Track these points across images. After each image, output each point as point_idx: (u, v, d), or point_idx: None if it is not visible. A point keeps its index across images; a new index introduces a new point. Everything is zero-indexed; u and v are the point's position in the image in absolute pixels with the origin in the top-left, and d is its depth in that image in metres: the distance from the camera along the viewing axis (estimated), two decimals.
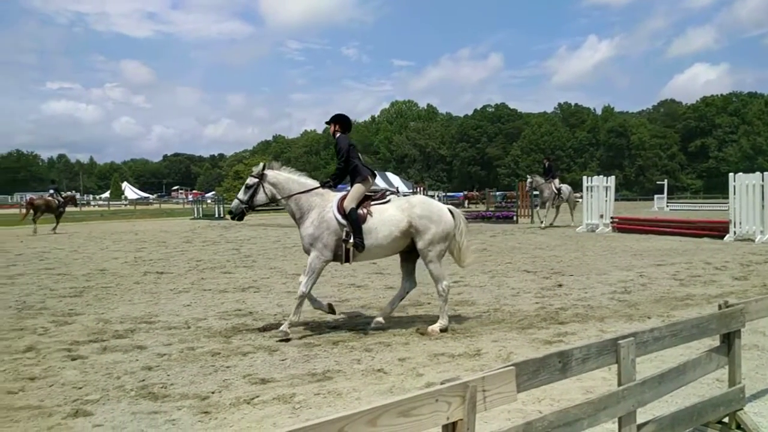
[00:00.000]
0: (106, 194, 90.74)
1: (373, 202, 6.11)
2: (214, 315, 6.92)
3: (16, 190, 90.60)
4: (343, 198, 6.02)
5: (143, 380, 4.53)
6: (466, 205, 43.58)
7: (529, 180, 22.07)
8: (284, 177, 6.30)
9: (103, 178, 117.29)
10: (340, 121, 6.44)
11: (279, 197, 6.26)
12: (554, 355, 2.27)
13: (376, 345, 5.41)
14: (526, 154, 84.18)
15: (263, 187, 6.25)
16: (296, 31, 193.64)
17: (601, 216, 18.52)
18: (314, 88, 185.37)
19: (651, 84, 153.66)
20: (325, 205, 6.05)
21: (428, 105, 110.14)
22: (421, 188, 29.80)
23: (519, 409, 3.64)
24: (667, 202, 38.45)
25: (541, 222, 20.64)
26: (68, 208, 24.10)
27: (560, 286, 8.40)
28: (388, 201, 6.22)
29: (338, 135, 6.38)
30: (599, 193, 18.65)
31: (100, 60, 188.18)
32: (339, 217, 5.93)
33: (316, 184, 6.28)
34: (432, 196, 37.92)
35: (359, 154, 6.37)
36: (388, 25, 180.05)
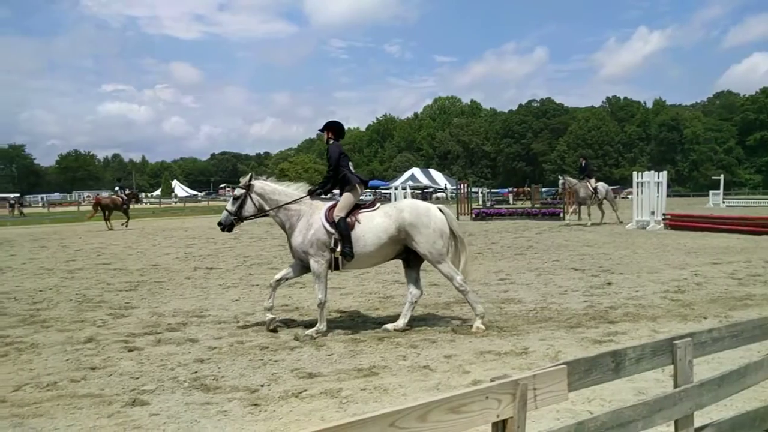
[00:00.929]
0: (157, 192, 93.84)
1: (361, 210, 6.08)
2: (262, 310, 7.05)
3: (75, 189, 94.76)
4: (333, 207, 6.02)
5: (195, 372, 4.67)
6: (511, 201, 42.95)
7: (561, 181, 21.45)
8: (271, 187, 6.33)
9: (154, 176, 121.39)
10: (333, 128, 6.42)
11: (267, 208, 6.27)
12: (607, 355, 2.22)
13: (421, 342, 5.41)
14: (572, 150, 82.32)
15: (251, 197, 6.28)
16: (340, 29, 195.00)
17: (653, 213, 17.93)
18: (357, 85, 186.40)
19: (705, 75, 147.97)
20: (313, 213, 6.05)
21: (472, 101, 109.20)
22: (465, 185, 29.52)
23: (568, 409, 3.58)
24: (724, 198, 36.86)
25: (588, 221, 20.12)
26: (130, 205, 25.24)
27: (610, 284, 8.20)
28: (377, 208, 6.16)
29: (331, 143, 6.34)
30: (650, 189, 18.05)
31: (151, 62, 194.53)
32: (327, 225, 5.91)
33: (304, 193, 6.28)
34: (476, 193, 37.60)
35: (350, 163, 6.33)
36: (431, 21, 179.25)
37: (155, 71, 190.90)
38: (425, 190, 60.90)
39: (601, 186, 20.89)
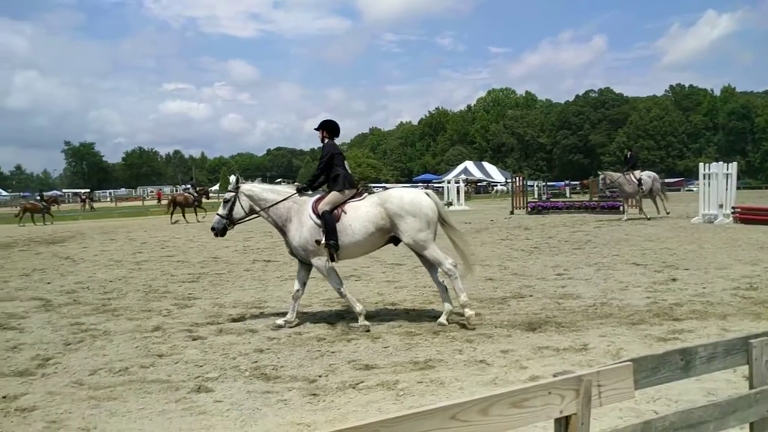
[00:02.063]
0: (215, 187, 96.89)
1: (349, 200, 6.10)
2: (318, 302, 7.20)
3: (139, 184, 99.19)
4: (319, 200, 6.08)
5: (256, 362, 4.81)
6: (567, 194, 41.90)
7: (601, 177, 20.19)
8: (259, 188, 6.45)
9: (212, 171, 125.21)
10: (328, 127, 6.47)
11: (257, 209, 6.35)
12: (676, 352, 2.14)
13: (477, 336, 5.37)
14: (632, 141, 79.24)
15: (239, 200, 6.36)
16: (392, 23, 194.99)
17: (721, 206, 17.05)
18: (410, 79, 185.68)
19: None
20: (303, 211, 6.13)
21: (526, 92, 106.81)
22: (520, 178, 28.98)
23: (631, 408, 3.47)
24: None
25: (645, 215, 19.31)
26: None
27: (674, 280, 7.87)
28: (364, 198, 6.18)
29: (326, 141, 6.39)
30: (718, 181, 17.16)
31: (209, 61, 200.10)
32: (314, 217, 6.00)
33: (292, 191, 6.37)
34: (531, 186, 36.83)
35: (345, 163, 6.34)
36: (485, 12, 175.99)
37: (213, 70, 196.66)
38: (478, 184, 60.21)
39: (646, 176, 19.56)
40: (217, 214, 6.47)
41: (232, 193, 6.43)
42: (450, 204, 33.79)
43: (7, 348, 5.39)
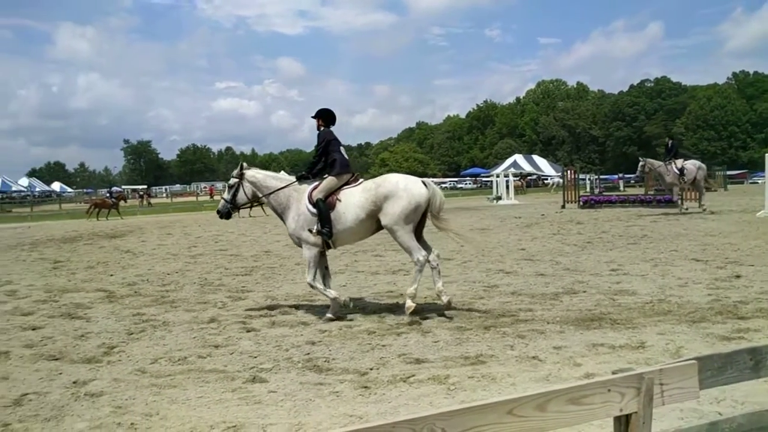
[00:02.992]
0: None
1: (344, 188, 6.21)
2: (368, 295, 7.26)
3: (193, 180, 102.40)
4: (315, 188, 6.20)
5: (308, 354, 4.90)
6: (621, 188, 40.64)
7: (641, 163, 19.05)
8: (262, 175, 6.67)
9: (263, 167, 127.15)
10: (323, 116, 6.57)
11: (259, 195, 6.59)
12: (744, 352, 2.05)
13: (529, 332, 5.30)
14: (691, 132, 76.24)
15: (243, 186, 6.61)
16: (439, 16, 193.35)
17: None
18: (457, 72, 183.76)
19: None
20: (301, 199, 6.28)
21: (578, 83, 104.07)
22: (571, 171, 28.26)
23: (693, 409, 3.35)
24: None
25: (684, 208, 18.44)
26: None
27: (738, 277, 7.52)
28: (359, 184, 6.26)
29: (321, 129, 6.52)
30: None
31: (259, 59, 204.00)
32: (310, 207, 6.15)
33: (293, 179, 6.54)
34: (583, 180, 35.90)
35: (341, 148, 6.43)
36: (533, 2, 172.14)
37: (263, 67, 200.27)
38: (528, 177, 59.11)
39: (690, 164, 18.48)
40: (222, 199, 6.83)
41: (236, 180, 6.70)
42: (499, 198, 33.36)
43: (76, 336, 5.68)
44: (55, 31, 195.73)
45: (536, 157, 66.13)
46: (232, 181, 6.77)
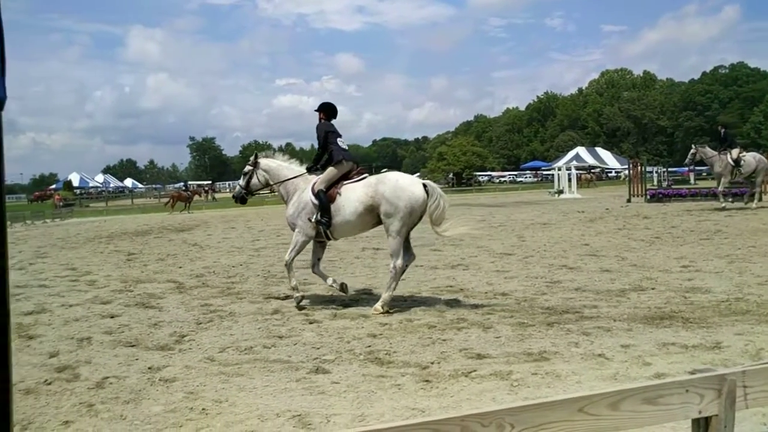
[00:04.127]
0: None
1: (346, 182, 6.39)
2: (427, 290, 7.26)
3: None
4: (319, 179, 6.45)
5: (369, 346, 4.95)
6: (692, 180, 38.70)
7: (692, 151, 17.91)
8: (275, 164, 6.96)
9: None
10: (325, 109, 6.82)
11: (271, 183, 6.93)
12: None
13: (594, 329, 5.15)
14: None
15: (257, 173, 6.98)
16: (498, 7, 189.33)
17: None
18: (517, 64, 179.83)
19: None
20: (305, 188, 6.55)
21: (645, 72, 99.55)
22: (638, 164, 27.13)
23: None
24: None
25: (722, 204, 17.23)
26: None
27: None
28: (361, 179, 6.42)
29: (321, 121, 6.75)
30: None
31: (318, 55, 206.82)
32: (312, 198, 6.37)
33: (303, 170, 6.82)
34: (650, 173, 34.46)
35: (338, 139, 6.58)
36: None
37: (322, 63, 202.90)
38: (592, 170, 57.27)
39: (751, 157, 17.21)
40: (238, 185, 7.30)
41: (251, 167, 7.07)
42: (560, 192, 32.51)
43: (150, 325, 5.98)
44: (127, 35, 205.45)
45: (599, 150, 64.04)
46: (247, 168, 7.16)
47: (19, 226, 24.31)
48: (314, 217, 6.33)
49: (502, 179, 79.73)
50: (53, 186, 69.05)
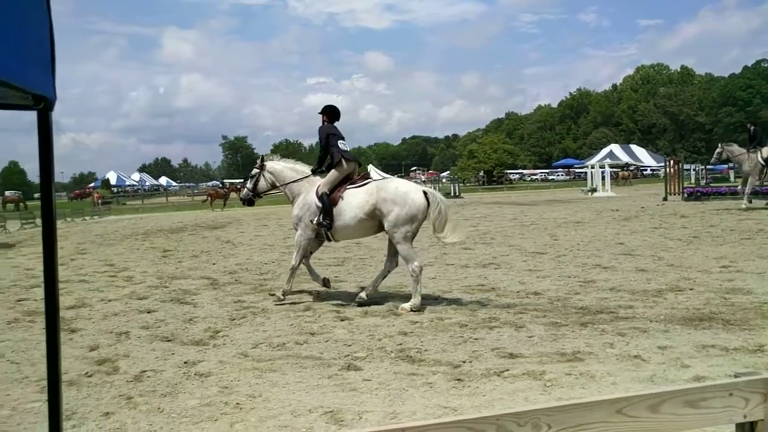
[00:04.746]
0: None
1: (349, 186, 6.51)
2: (458, 288, 7.22)
3: None
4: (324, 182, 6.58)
5: (401, 344, 4.96)
6: (732, 178, 37.55)
7: (717, 150, 17.29)
8: (281, 166, 7.10)
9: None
10: (328, 112, 6.96)
11: (278, 185, 7.06)
12: None
13: (630, 330, 5.04)
14: None
15: (263, 176, 7.12)
16: (530, 3, 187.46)
17: None
18: (549, 60, 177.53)
19: None
20: (311, 190, 6.67)
21: (682, 67, 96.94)
22: (673, 161, 26.42)
23: None
24: None
25: (744, 203, 16.53)
26: None
27: None
28: (363, 185, 6.50)
29: (324, 124, 6.87)
30: None
31: (348, 54, 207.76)
32: (316, 200, 6.50)
33: (308, 172, 6.93)
34: (687, 171, 33.57)
35: (339, 141, 6.69)
36: None
37: (351, 62, 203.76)
38: (626, 168, 56.08)
39: None
40: (246, 188, 7.43)
41: (257, 170, 7.23)
42: (594, 190, 31.95)
43: (185, 320, 6.10)
44: (161, 36, 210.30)
45: (634, 147, 62.60)
46: (254, 171, 7.31)
47: (60, 223, 25.09)
48: (316, 219, 6.47)
49: (534, 177, 78.72)
50: (92, 184, 71.05)
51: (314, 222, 6.49)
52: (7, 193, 50.94)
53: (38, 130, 1.20)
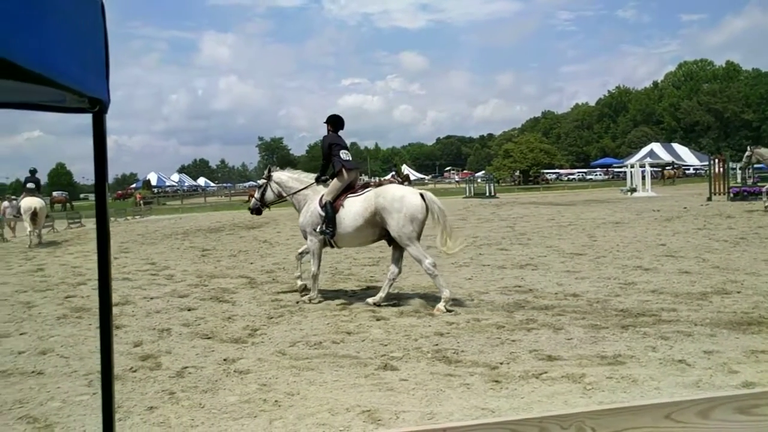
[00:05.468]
0: (388, 177, 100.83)
1: (349, 195, 6.69)
2: (495, 289, 7.15)
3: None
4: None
5: (437, 345, 4.94)
6: None
7: (747, 153, 16.75)
8: (286, 177, 7.38)
9: (386, 161, 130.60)
10: (331, 121, 7.15)
11: (285, 194, 7.30)
12: None
13: (673, 333, 4.91)
14: None
15: (270, 186, 7.40)
16: (567, 0, 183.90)
17: None
18: (586, 58, 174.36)
19: None
20: (314, 198, 6.90)
21: (727, 62, 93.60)
22: (718, 160, 25.55)
23: None
24: None
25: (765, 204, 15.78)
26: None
27: None
28: (363, 194, 6.66)
29: (329, 133, 7.06)
30: None
31: (382, 54, 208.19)
32: (319, 209, 6.70)
33: (311, 181, 7.16)
34: (733, 170, 32.45)
35: (342, 151, 6.87)
36: None
37: (386, 62, 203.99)
38: (667, 167, 54.57)
39: None
40: (254, 198, 7.68)
41: (264, 181, 7.53)
42: (633, 190, 31.19)
43: (224, 318, 6.22)
44: (200, 40, 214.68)
45: (676, 146, 60.91)
46: (261, 181, 7.63)
47: None
48: (319, 227, 6.68)
49: (571, 177, 77.30)
50: (134, 185, 73.12)
51: (317, 230, 6.71)
52: (54, 193, 52.88)
53: (93, 132, 1.25)
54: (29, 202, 15.06)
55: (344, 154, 6.90)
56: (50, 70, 0.85)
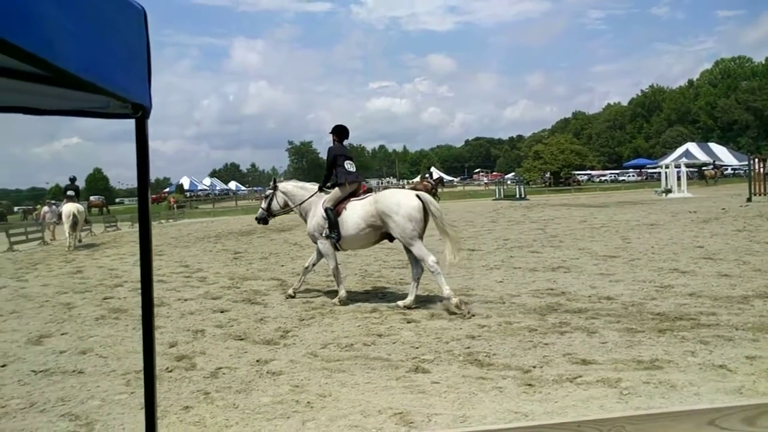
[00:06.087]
0: (416, 179, 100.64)
1: (352, 199, 6.90)
2: (526, 292, 7.07)
3: None
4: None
5: (468, 347, 4.91)
6: None
7: None
8: (291, 186, 7.67)
9: (414, 164, 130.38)
10: (336, 132, 7.30)
11: (291, 204, 7.54)
12: None
13: (713, 338, 4.77)
14: None
15: (276, 196, 7.64)
16: None
17: None
18: (618, 57, 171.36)
19: None
20: (319, 204, 7.09)
21: (767, 59, 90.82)
22: (758, 160, 24.76)
23: None
24: None
25: None
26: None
27: None
28: (364, 198, 6.87)
29: (334, 143, 7.24)
30: None
31: (410, 57, 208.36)
32: (322, 212, 6.94)
33: (315, 189, 7.38)
34: None
35: (346, 162, 7.04)
36: None
37: (414, 65, 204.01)
38: (703, 168, 53.14)
39: None
40: (261, 207, 7.93)
41: (270, 191, 7.78)
42: (668, 191, 30.48)
43: (256, 320, 6.30)
44: (231, 46, 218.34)
45: (713, 145, 59.21)
46: (267, 192, 7.89)
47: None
48: (325, 232, 6.92)
49: (603, 178, 75.93)
50: (167, 189, 74.62)
51: (323, 235, 6.94)
52: (91, 198, 54.33)
53: (136, 137, 1.28)
54: (69, 208, 15.59)
55: (349, 165, 7.11)
56: (101, 79, 0.88)
